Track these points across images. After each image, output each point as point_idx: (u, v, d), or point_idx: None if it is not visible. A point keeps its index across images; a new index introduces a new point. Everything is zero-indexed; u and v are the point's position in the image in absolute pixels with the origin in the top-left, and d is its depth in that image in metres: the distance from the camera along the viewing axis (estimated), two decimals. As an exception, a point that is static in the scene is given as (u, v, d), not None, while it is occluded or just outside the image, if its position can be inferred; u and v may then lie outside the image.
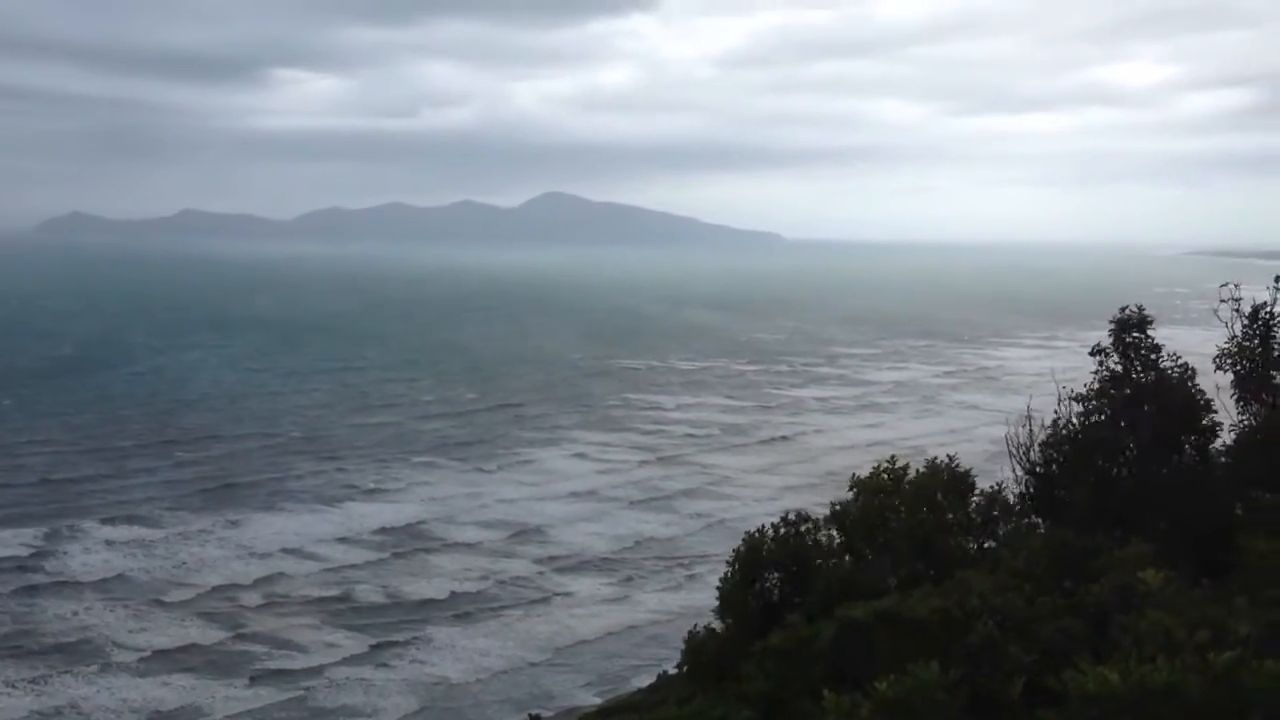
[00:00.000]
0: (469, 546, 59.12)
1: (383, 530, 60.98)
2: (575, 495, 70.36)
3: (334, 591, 51.58)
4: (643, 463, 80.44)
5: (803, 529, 16.43)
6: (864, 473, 17.79)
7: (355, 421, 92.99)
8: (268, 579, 52.63)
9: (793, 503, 66.26)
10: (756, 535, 17.04)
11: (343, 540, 59.16)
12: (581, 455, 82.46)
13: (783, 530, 16.83)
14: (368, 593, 51.60)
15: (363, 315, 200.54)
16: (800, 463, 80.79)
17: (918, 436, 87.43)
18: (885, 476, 16.72)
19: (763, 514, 57.03)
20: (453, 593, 51.96)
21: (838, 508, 17.21)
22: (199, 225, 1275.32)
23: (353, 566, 55.04)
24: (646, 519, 65.41)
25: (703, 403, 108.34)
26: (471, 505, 66.95)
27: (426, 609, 49.97)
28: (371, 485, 71.17)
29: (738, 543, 17.70)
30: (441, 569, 55.36)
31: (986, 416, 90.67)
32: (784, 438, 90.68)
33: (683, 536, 62.11)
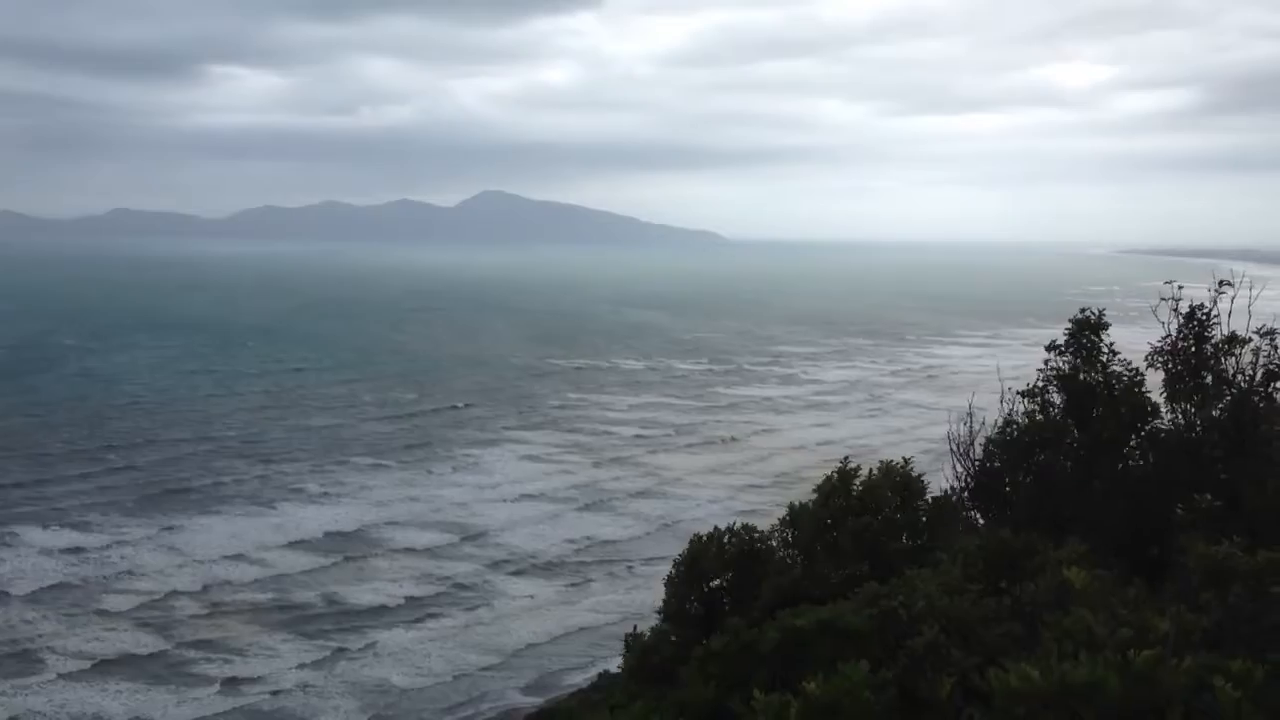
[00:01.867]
0: (412, 550, 58.78)
1: (325, 534, 60.43)
2: (521, 497, 70.08)
3: (276, 597, 51.07)
4: (590, 464, 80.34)
5: (749, 534, 16.70)
6: (816, 474, 18.18)
7: (293, 424, 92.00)
8: (209, 585, 51.92)
9: (745, 503, 67.05)
10: (703, 539, 17.23)
11: (284, 545, 58.52)
12: (527, 457, 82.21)
13: (729, 537, 17.03)
14: (310, 598, 51.16)
15: (299, 315, 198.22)
16: (750, 463, 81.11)
17: (865, 436, 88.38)
18: (837, 478, 17.04)
19: (714, 515, 57.69)
20: (397, 597, 51.66)
21: (795, 507, 17.45)
22: (131, 224, 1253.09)
23: (295, 571, 54.47)
24: (595, 521, 65.28)
25: (648, 403, 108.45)
26: (414, 508, 66.59)
27: (371, 614, 49.64)
28: (311, 489, 70.50)
29: (687, 544, 17.98)
30: (385, 573, 55.02)
31: (931, 415, 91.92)
32: (733, 438, 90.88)
33: (631, 539, 62.04)
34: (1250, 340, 16.90)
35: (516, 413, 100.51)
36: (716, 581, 16.10)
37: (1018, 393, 17.75)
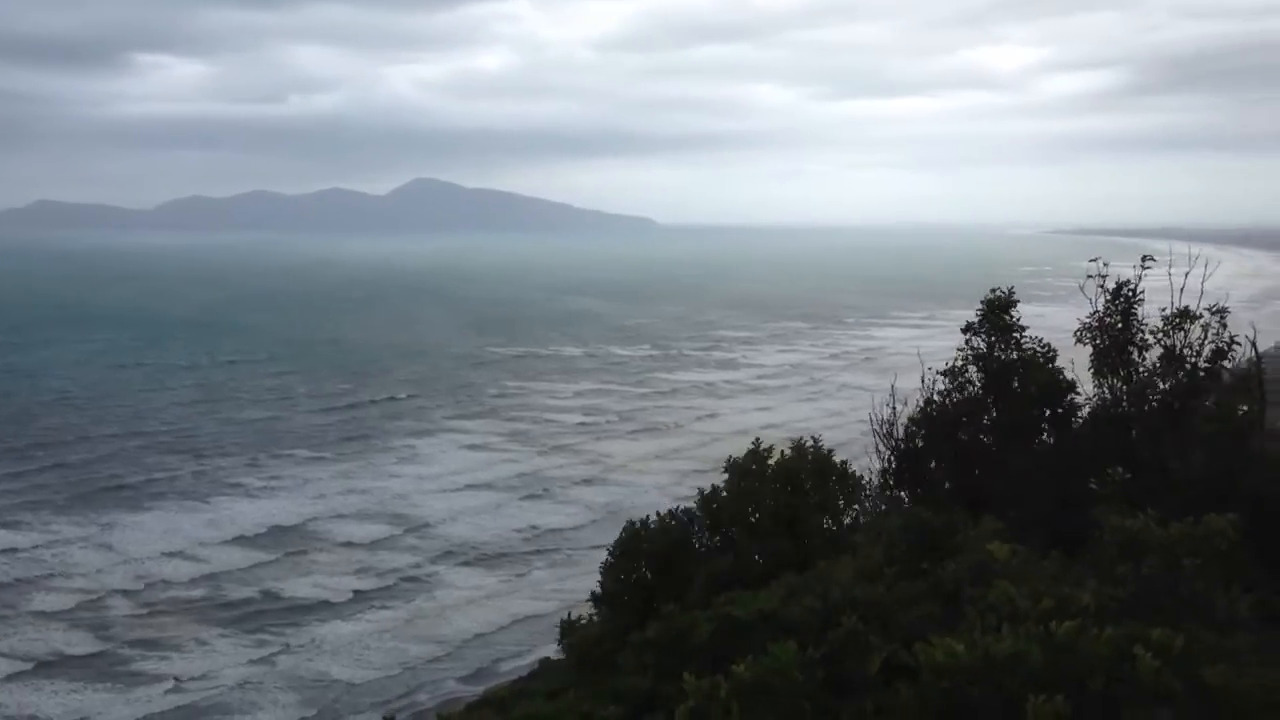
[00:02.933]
0: (352, 543, 58.37)
1: (262, 529, 59.80)
2: (463, 487, 69.66)
3: (214, 593, 50.52)
4: (532, 452, 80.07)
5: (678, 518, 16.87)
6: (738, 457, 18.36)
7: (226, 417, 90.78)
8: (146, 583, 51.20)
9: (689, 489, 66.69)
10: (637, 525, 17.33)
11: (221, 540, 57.84)
12: (468, 446, 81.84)
13: (664, 519, 17.11)
14: (249, 593, 50.69)
15: (230, 307, 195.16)
16: (693, 448, 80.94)
17: (806, 419, 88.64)
18: (753, 460, 17.21)
19: (658, 502, 57.82)
20: (338, 590, 51.36)
21: (708, 492, 17.59)
22: (55, 216, 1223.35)
23: (233, 567, 53.84)
24: (538, 510, 65.12)
25: (589, 390, 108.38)
26: (353, 500, 66.10)
27: (311, 608, 49.27)
28: (247, 483, 69.73)
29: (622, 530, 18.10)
30: (325, 567, 54.66)
31: (870, 398, 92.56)
32: (676, 424, 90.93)
33: (575, 527, 61.83)
34: (1200, 317, 17.18)
35: (456, 402, 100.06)
36: (650, 566, 16.23)
37: (938, 372, 18.05)
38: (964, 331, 18.17)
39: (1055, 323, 18.65)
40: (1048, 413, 17.89)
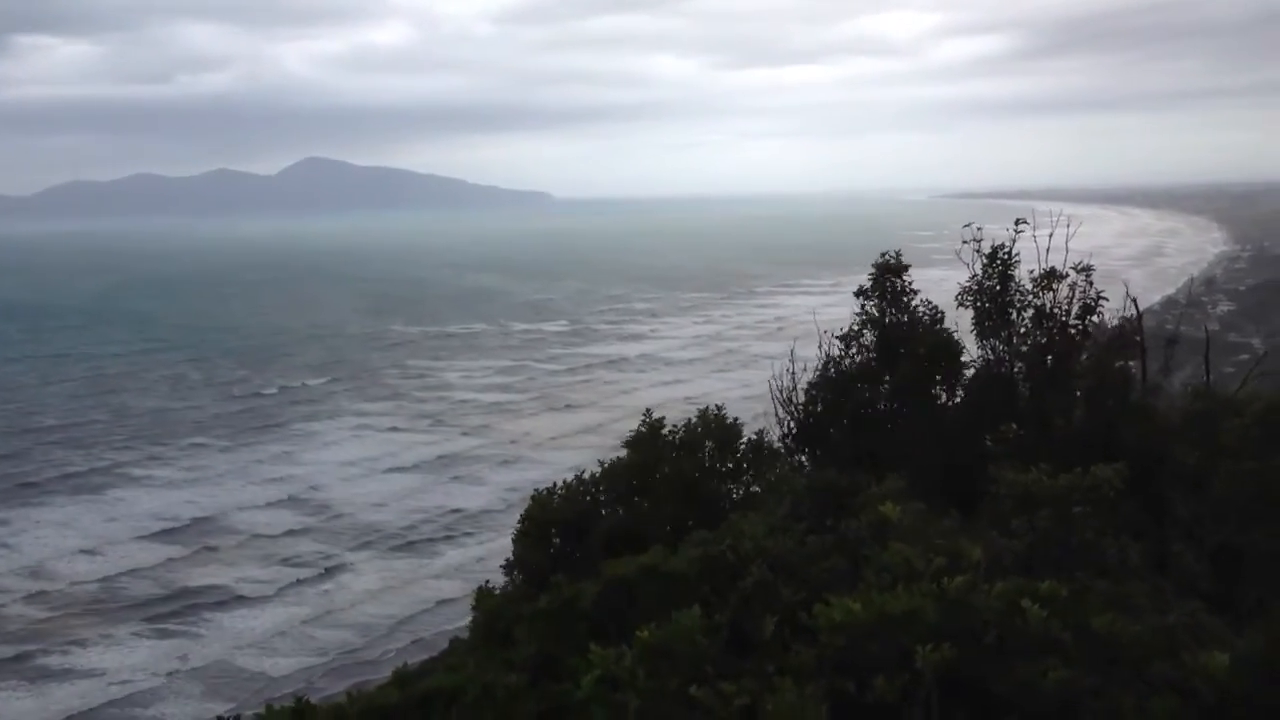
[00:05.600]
0: (260, 533, 57.21)
1: (164, 521, 58.48)
2: (373, 472, 68.70)
3: (117, 588, 49.36)
4: (443, 435, 79.20)
5: (587, 485, 16.90)
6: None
7: (119, 407, 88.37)
8: (45, 580, 49.89)
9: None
10: (545, 493, 17.25)
11: (121, 534, 56.45)
12: (376, 430, 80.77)
13: (572, 486, 17.08)
14: (153, 588, 49.58)
15: (117, 294, 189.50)
16: (610, 424, 79.20)
17: (723, 390, 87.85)
18: (651, 431, 17.23)
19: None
20: (245, 581, 50.51)
21: (610, 462, 17.61)
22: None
23: (135, 562, 52.63)
24: (452, 492, 64.45)
25: (498, 368, 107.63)
26: (259, 490, 64.82)
27: (219, 600, 48.44)
28: (144, 474, 68.06)
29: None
30: (231, 558, 53.61)
31: (783, 366, 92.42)
32: (591, 401, 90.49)
33: (490, 509, 60.92)
34: (1067, 275, 17.65)
35: (360, 387, 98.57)
36: (558, 536, 16.27)
37: (834, 337, 18.34)
38: (857, 296, 18.46)
39: (950, 285, 19.01)
40: (938, 376, 18.31)
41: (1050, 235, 18.40)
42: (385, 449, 75.12)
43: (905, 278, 18.35)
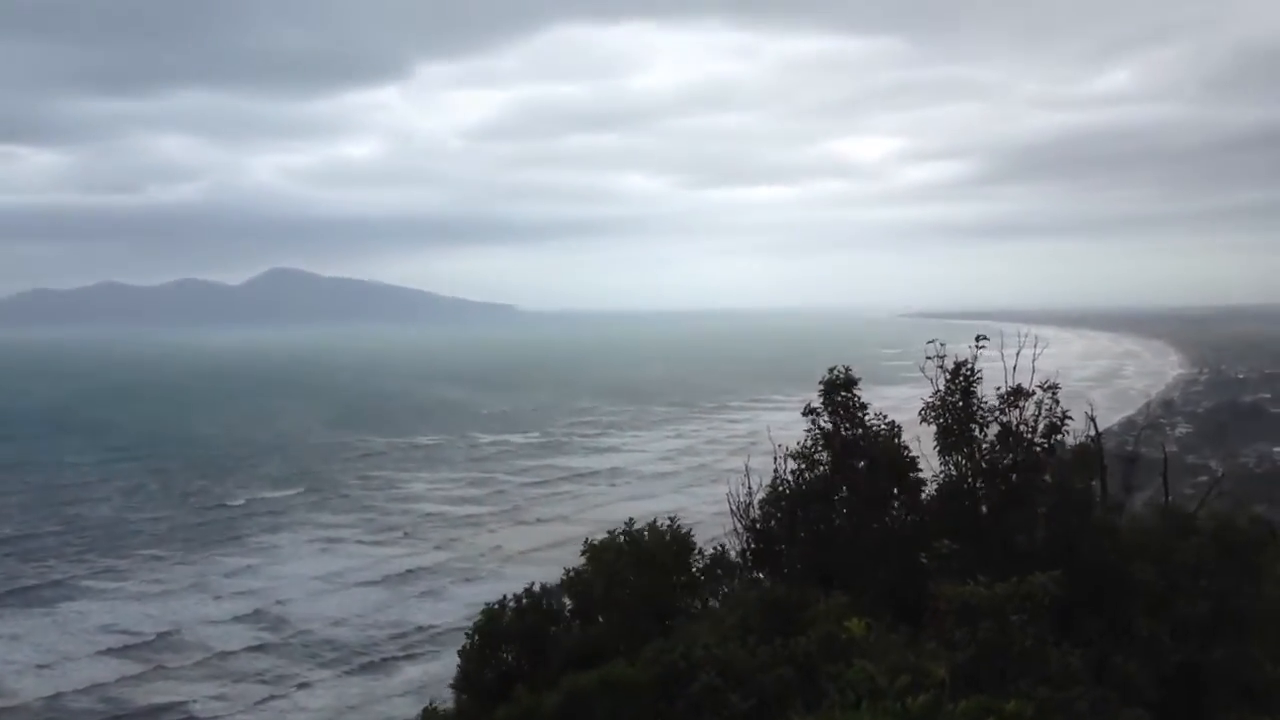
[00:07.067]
0: (215, 647, 55.87)
1: (115, 632, 57.02)
2: (338, 588, 67.45)
3: (67, 704, 48.01)
4: (409, 549, 77.92)
5: (542, 600, 16.79)
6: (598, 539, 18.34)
7: (73, 516, 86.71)
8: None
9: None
10: (496, 607, 17.08)
11: (72, 648, 54.94)
12: (336, 542, 79.53)
13: (523, 601, 16.97)
14: (103, 705, 48.18)
15: (76, 402, 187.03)
16: (579, 538, 78.59)
17: (692, 507, 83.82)
18: (613, 543, 17.23)
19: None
20: (198, 698, 49.19)
21: (571, 574, 17.50)
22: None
23: (87, 676, 51.27)
24: (414, 609, 63.25)
25: (465, 480, 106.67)
26: (214, 602, 63.50)
27: (171, 717, 47.08)
28: (97, 586, 66.53)
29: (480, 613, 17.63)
30: (187, 674, 52.29)
31: (739, 482, 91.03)
32: (562, 516, 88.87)
33: (458, 626, 59.08)
34: (1033, 393, 17.84)
35: (323, 499, 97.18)
36: (510, 650, 16.07)
37: (788, 454, 18.38)
38: (805, 414, 18.48)
39: (897, 402, 19.14)
40: (895, 490, 18.36)
41: (1017, 353, 18.55)
42: (348, 563, 73.91)
43: (855, 392, 18.40)
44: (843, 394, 18.36)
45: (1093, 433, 19.46)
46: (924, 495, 18.35)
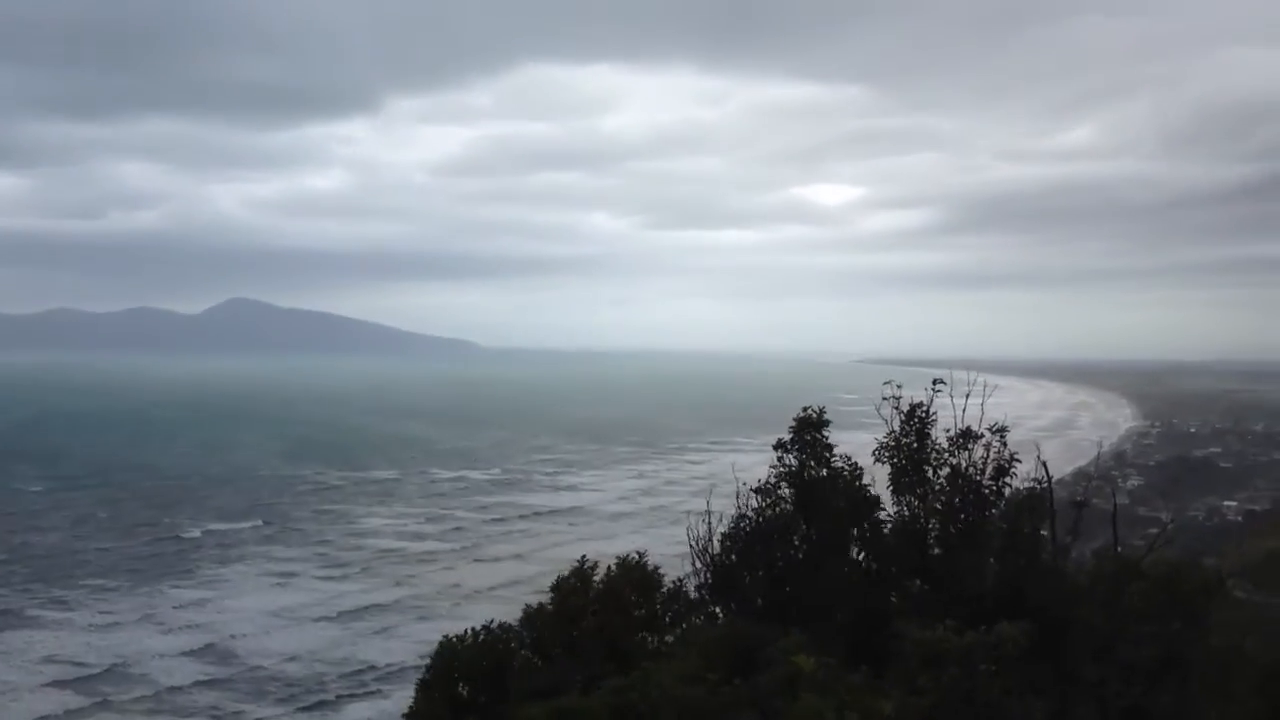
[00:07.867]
0: (161, 682, 54.94)
1: (59, 664, 55.98)
2: (284, 621, 66.56)
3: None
4: (361, 584, 77.10)
5: (499, 634, 16.72)
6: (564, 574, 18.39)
7: (18, 545, 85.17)
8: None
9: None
10: (453, 640, 16.99)
11: (14, 679, 53.86)
12: (288, 577, 78.53)
13: (481, 636, 16.89)
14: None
15: (25, 430, 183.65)
16: (538, 577, 77.85)
17: (653, 548, 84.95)
18: (575, 579, 17.25)
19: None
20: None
21: (531, 610, 17.49)
22: None
23: (29, 710, 50.21)
24: (367, 647, 62.44)
25: (419, 515, 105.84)
26: (161, 635, 62.43)
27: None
28: (42, 616, 65.30)
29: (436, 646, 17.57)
30: (132, 708, 51.36)
31: (699, 518, 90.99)
32: (518, 554, 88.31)
33: (401, 667, 58.38)
34: (983, 436, 18.12)
35: (275, 532, 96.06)
36: (466, 685, 16.00)
37: (751, 490, 18.58)
38: (775, 449, 18.73)
39: (856, 445, 19.38)
40: (855, 530, 18.59)
41: (966, 397, 18.82)
42: (301, 598, 72.91)
43: (824, 433, 18.67)
44: (813, 434, 18.59)
45: (1043, 476, 19.76)
46: (881, 535, 18.58)
